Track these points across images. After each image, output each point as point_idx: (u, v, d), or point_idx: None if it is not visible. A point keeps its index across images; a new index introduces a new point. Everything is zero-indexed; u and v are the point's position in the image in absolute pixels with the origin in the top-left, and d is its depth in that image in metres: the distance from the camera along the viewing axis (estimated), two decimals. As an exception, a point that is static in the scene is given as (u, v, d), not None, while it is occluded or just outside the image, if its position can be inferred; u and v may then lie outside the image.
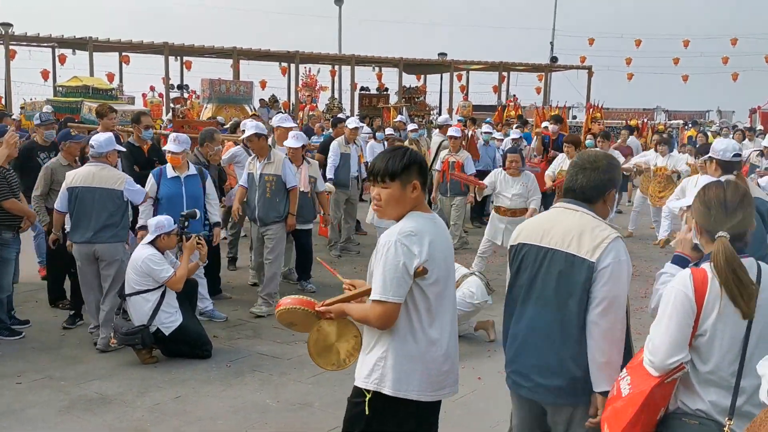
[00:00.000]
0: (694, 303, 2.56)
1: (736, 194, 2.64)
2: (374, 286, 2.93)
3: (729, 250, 2.53)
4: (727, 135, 20.47)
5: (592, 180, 3.07)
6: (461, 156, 10.54)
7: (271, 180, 7.43)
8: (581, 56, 33.95)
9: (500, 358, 6.20)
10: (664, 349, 2.57)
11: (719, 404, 2.54)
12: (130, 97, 23.40)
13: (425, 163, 3.09)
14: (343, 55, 30.42)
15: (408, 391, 2.99)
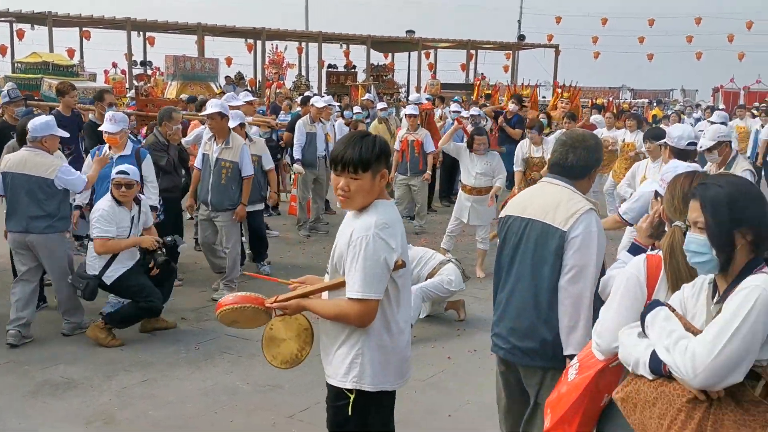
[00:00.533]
0: (645, 287, 2.57)
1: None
2: (353, 283, 2.81)
3: (678, 237, 2.52)
4: (690, 114, 20.76)
5: (582, 158, 3.29)
6: (420, 134, 10.48)
7: (228, 166, 7.20)
8: (548, 35, 34.07)
9: (469, 338, 6.29)
10: (611, 332, 2.55)
11: None
12: (91, 74, 22.86)
13: (389, 148, 3.05)
14: (310, 32, 30.10)
15: (386, 383, 2.97)
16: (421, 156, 10.46)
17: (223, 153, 7.24)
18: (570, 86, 18.43)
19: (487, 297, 7.52)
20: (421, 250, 6.99)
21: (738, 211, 2.22)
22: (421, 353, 5.97)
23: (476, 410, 4.90)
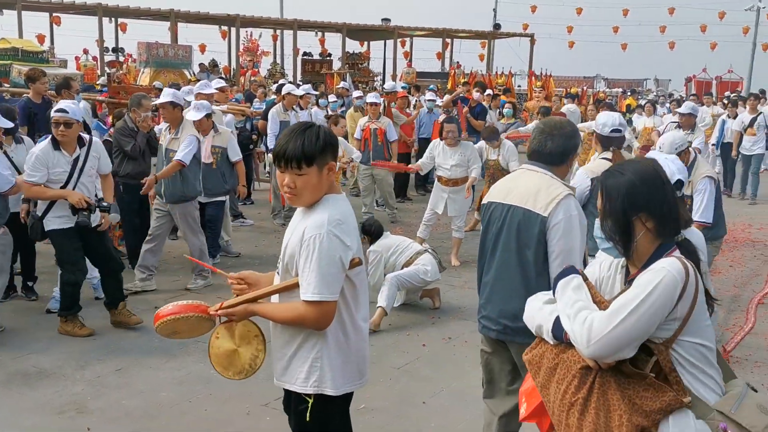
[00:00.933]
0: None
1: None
2: (308, 285, 2.65)
3: None
4: (663, 104, 20.96)
5: (559, 145, 3.38)
6: (382, 123, 10.41)
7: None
8: (524, 24, 34.12)
9: (444, 326, 6.32)
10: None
11: None
12: (62, 61, 22.56)
13: (336, 139, 2.87)
14: (285, 19, 29.84)
15: (347, 384, 2.85)
16: (385, 145, 10.34)
17: (172, 143, 7.11)
18: (542, 75, 18.54)
19: (462, 285, 7.58)
20: (398, 239, 6.99)
21: (637, 198, 2.27)
22: (396, 341, 5.99)
23: (451, 397, 4.93)
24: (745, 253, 9.34)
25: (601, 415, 2.24)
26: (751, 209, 12.65)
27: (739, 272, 8.36)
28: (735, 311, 6.93)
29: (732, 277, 8.09)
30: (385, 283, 6.37)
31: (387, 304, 6.24)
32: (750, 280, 8.08)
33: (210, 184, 7.78)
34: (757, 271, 8.45)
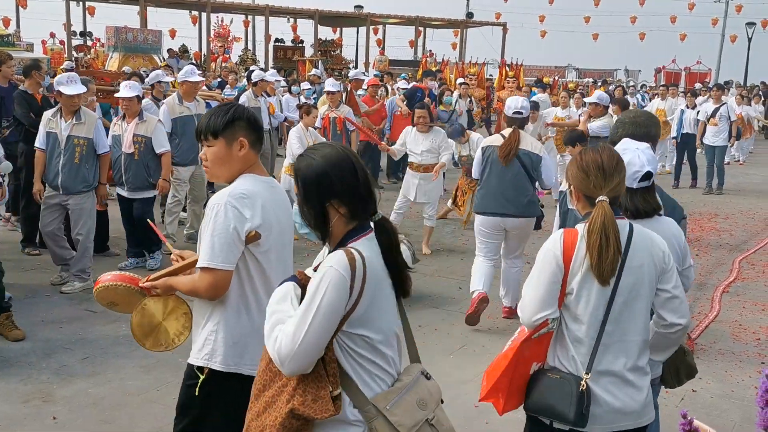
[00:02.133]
0: (561, 262, 2.61)
1: (612, 159, 2.66)
2: (202, 253, 2.69)
3: (609, 213, 2.56)
4: (634, 94, 21.16)
5: (643, 135, 3.45)
6: (342, 111, 10.22)
7: (82, 143, 6.48)
8: (496, 13, 34.23)
9: (414, 314, 6.33)
10: (531, 306, 2.64)
11: (585, 362, 2.62)
12: (28, 44, 22.15)
13: (255, 119, 2.90)
14: (257, 5, 29.58)
15: (240, 365, 2.77)
16: (344, 134, 10.12)
17: (75, 129, 6.49)
18: (513, 64, 18.59)
19: (433, 273, 7.61)
20: (372, 227, 6.98)
21: (328, 184, 2.24)
22: (367, 329, 5.99)
23: (420, 384, 4.94)
24: (710, 242, 9.50)
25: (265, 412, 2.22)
26: (716, 199, 12.85)
27: (705, 261, 8.49)
28: (700, 299, 7.04)
29: (697, 265, 8.21)
30: (357, 271, 6.35)
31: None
32: (715, 269, 8.22)
33: (132, 177, 7.18)
34: (722, 260, 8.59)
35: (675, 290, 2.68)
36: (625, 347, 2.62)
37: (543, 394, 2.66)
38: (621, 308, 2.60)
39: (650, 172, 2.99)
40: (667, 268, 2.67)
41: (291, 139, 8.98)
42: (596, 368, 2.60)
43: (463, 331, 6.01)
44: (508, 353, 2.70)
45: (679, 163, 14.23)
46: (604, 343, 2.60)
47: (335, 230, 2.27)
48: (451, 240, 9.25)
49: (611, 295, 2.59)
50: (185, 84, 8.19)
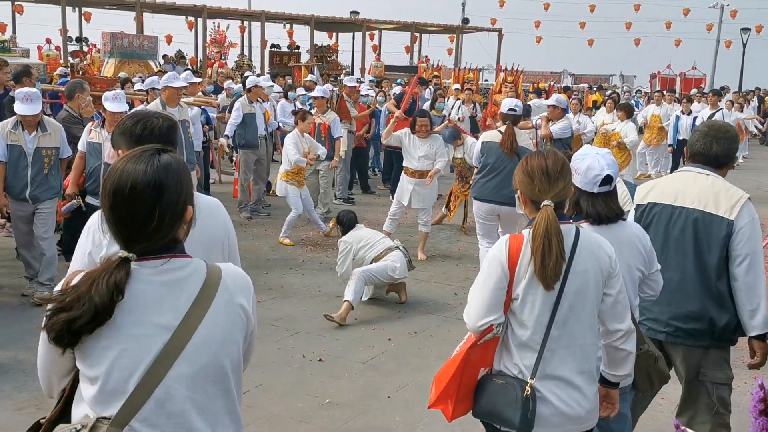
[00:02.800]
0: (506, 268, 2.62)
1: (556, 163, 2.67)
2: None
3: (552, 218, 2.57)
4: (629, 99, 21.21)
5: (725, 148, 3.49)
6: (328, 118, 10.21)
7: (50, 154, 6.41)
8: (492, 18, 34.30)
9: (410, 320, 6.34)
10: (476, 312, 2.66)
11: (531, 367, 2.63)
12: (24, 50, 22.07)
13: (141, 131, 2.66)
14: (253, 11, 29.60)
15: None
16: (328, 140, 10.03)
17: (42, 141, 6.35)
18: (512, 70, 18.64)
19: (428, 279, 7.61)
20: (369, 233, 7.00)
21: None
22: (362, 335, 5.99)
23: (416, 391, 4.94)
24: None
25: None
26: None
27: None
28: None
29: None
30: (353, 277, 6.37)
31: (353, 298, 6.24)
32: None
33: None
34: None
35: (619, 296, 2.69)
36: (572, 352, 2.64)
37: (489, 399, 2.68)
38: (567, 313, 2.61)
39: (610, 175, 3.02)
40: (613, 273, 2.68)
41: (287, 145, 9.00)
42: (542, 372, 2.61)
43: (459, 336, 5.95)
44: (455, 359, 2.72)
45: (675, 169, 14.25)
46: (549, 348, 2.61)
47: None
48: (447, 246, 9.25)
49: (556, 299, 2.60)
50: (167, 90, 8.18)
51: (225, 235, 2.78)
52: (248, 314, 1.97)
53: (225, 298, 1.89)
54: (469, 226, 10.03)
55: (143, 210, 1.78)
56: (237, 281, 1.96)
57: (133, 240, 1.80)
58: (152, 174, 1.79)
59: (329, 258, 8.14)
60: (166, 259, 1.85)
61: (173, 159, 1.88)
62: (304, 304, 6.73)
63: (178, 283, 1.84)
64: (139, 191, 1.77)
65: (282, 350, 5.59)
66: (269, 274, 7.61)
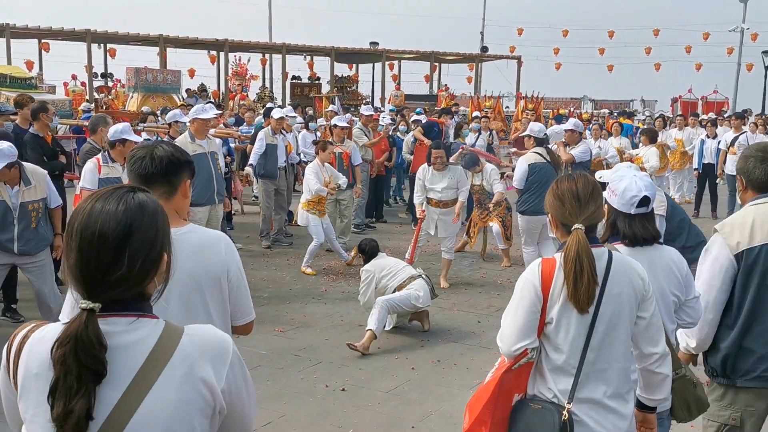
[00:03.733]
0: (540, 291, 2.60)
1: (587, 187, 2.67)
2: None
3: (583, 241, 2.56)
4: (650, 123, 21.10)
5: None
6: (347, 146, 10.29)
7: (38, 207, 5.97)
8: (511, 46, 34.43)
9: (433, 348, 6.29)
10: (510, 336, 2.64)
11: (567, 391, 2.60)
12: (50, 86, 22.55)
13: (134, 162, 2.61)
14: (274, 43, 30.03)
15: None
16: (350, 168, 10.09)
17: (27, 195, 5.89)
18: (533, 97, 18.68)
19: (451, 307, 7.56)
20: (392, 261, 6.99)
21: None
22: (385, 364, 5.95)
23: (439, 421, 4.89)
24: (733, 271, 9.35)
25: None
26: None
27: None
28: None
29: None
30: (376, 305, 6.35)
31: (377, 327, 6.21)
32: (738, 298, 8.08)
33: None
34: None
35: (653, 318, 2.67)
36: (605, 375, 2.61)
37: (527, 425, 2.64)
38: (602, 337, 2.60)
39: (647, 197, 2.99)
40: (646, 296, 2.66)
41: (308, 175, 9.05)
42: (577, 396, 2.59)
43: (483, 365, 5.93)
44: (489, 385, 2.69)
45: (700, 193, 14.10)
46: (585, 372, 2.59)
47: None
48: (469, 273, 9.20)
49: (591, 323, 2.58)
50: (196, 122, 8.16)
51: (222, 271, 2.55)
52: (213, 389, 1.61)
53: (182, 370, 1.59)
54: (489, 253, 9.99)
55: (112, 253, 1.57)
56: (204, 347, 1.63)
57: (97, 287, 1.58)
58: (124, 213, 1.60)
59: (351, 287, 8.13)
60: (135, 318, 1.61)
61: (149, 199, 1.68)
62: (327, 333, 6.71)
63: (126, 348, 1.57)
64: (108, 231, 1.57)
65: (305, 380, 5.56)
66: (292, 304, 7.61)
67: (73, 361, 1.51)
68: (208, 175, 7.96)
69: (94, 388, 1.52)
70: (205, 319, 2.47)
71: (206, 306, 2.52)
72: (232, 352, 1.68)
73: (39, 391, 1.57)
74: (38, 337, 1.63)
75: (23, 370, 1.61)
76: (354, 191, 10.15)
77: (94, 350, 1.52)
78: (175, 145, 2.79)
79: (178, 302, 2.42)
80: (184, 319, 1.75)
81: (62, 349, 1.52)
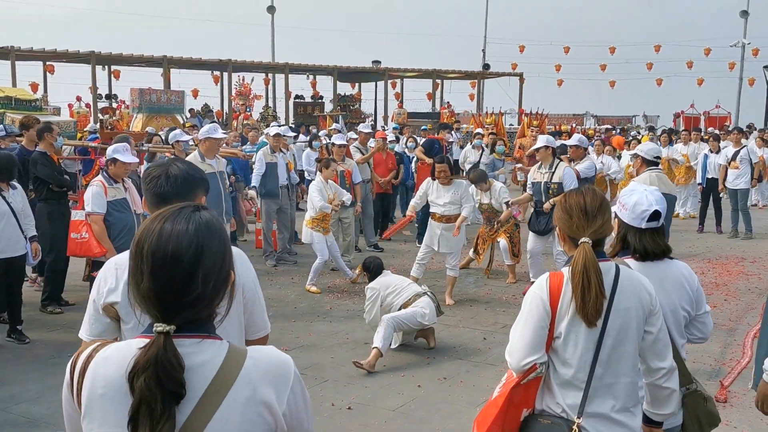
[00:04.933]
0: (548, 306, 2.60)
1: (595, 200, 2.68)
2: None
3: (590, 255, 2.57)
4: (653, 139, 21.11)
5: None
6: (348, 164, 10.30)
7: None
8: (513, 63, 34.56)
9: (439, 366, 6.27)
10: (519, 351, 2.63)
11: (575, 406, 2.60)
12: (55, 108, 22.65)
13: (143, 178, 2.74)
14: (277, 63, 30.18)
15: None
16: (351, 187, 10.09)
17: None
18: (537, 113, 18.73)
19: (456, 324, 7.54)
20: (397, 279, 6.98)
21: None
22: (391, 382, 5.93)
23: (447, 438, 4.86)
24: (739, 286, 9.33)
25: None
26: (743, 243, 12.66)
27: (734, 306, 8.34)
28: (731, 345, 6.90)
29: (727, 311, 8.07)
30: (382, 323, 6.34)
31: (383, 344, 6.19)
32: (745, 313, 8.06)
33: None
34: (752, 304, 8.43)
35: (660, 333, 2.67)
36: (613, 389, 2.61)
37: None
38: (610, 351, 2.60)
39: (658, 211, 2.99)
40: (653, 311, 2.66)
41: (311, 192, 9.07)
42: (586, 411, 2.58)
43: (490, 382, 5.90)
44: (497, 400, 2.68)
45: (704, 208, 14.07)
46: (593, 386, 2.59)
47: None
48: (475, 290, 9.18)
49: (599, 337, 2.58)
50: (208, 141, 8.22)
51: (238, 288, 2.54)
52: (275, 413, 1.61)
53: (245, 393, 1.58)
54: (495, 269, 9.97)
55: (186, 274, 1.56)
56: (267, 371, 1.63)
57: (172, 310, 1.57)
58: (195, 234, 1.59)
59: (356, 305, 8.12)
60: (201, 339, 1.61)
61: (214, 218, 1.68)
62: (332, 351, 6.69)
63: (193, 370, 1.56)
64: (182, 252, 1.56)
65: (311, 399, 5.52)
66: (297, 323, 7.60)
67: (156, 386, 1.50)
68: (217, 195, 8.03)
69: (175, 409, 1.52)
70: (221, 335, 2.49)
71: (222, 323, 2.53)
72: (294, 375, 1.67)
73: (105, 411, 1.57)
74: (102, 357, 1.62)
75: (88, 390, 1.60)
76: (355, 209, 10.16)
77: (175, 373, 1.52)
78: (189, 162, 2.81)
79: None
80: None
81: (144, 375, 1.51)
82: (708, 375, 6.08)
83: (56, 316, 7.65)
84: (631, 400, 2.65)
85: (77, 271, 8.76)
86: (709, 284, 9.20)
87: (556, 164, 8.56)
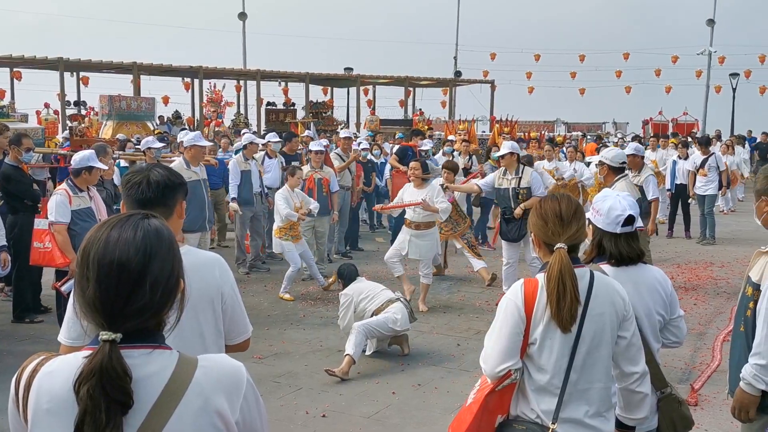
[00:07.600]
0: (523, 312, 2.61)
1: (570, 207, 2.71)
2: None
3: (566, 261, 2.58)
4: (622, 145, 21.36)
5: None
6: (326, 172, 10.20)
7: None
8: (484, 71, 34.81)
9: (414, 372, 6.27)
10: (494, 358, 2.63)
11: (550, 412, 2.61)
12: (23, 115, 22.29)
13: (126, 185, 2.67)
14: (249, 70, 30.03)
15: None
16: (329, 194, 10.03)
17: None
18: (507, 120, 18.89)
19: (430, 331, 7.54)
20: (370, 285, 6.96)
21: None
22: (366, 389, 5.91)
23: (422, 445, 4.85)
24: (708, 291, 9.47)
25: None
26: (711, 248, 12.85)
27: (703, 310, 8.45)
28: (701, 349, 6.98)
29: (696, 315, 8.18)
30: (353, 330, 6.32)
31: (355, 351, 6.17)
32: (714, 317, 8.17)
33: None
34: (720, 308, 8.55)
35: (633, 338, 2.70)
36: (587, 395, 2.63)
37: None
38: (584, 357, 2.61)
39: (632, 215, 3.02)
40: (627, 316, 2.69)
41: (277, 201, 8.98)
42: (560, 416, 2.59)
43: (464, 388, 5.91)
44: (472, 407, 2.68)
45: (673, 213, 14.26)
46: (568, 392, 2.60)
47: None
48: (448, 296, 9.20)
49: (574, 343, 2.60)
50: (194, 148, 8.19)
51: (216, 294, 2.59)
52: (228, 422, 1.58)
53: (197, 403, 1.55)
54: (466, 276, 10.00)
55: (133, 282, 1.53)
56: (218, 379, 1.60)
57: (118, 318, 1.53)
58: (143, 241, 1.57)
59: (330, 312, 8.09)
60: (150, 349, 1.58)
61: (163, 225, 1.65)
62: (306, 359, 6.65)
63: (141, 381, 1.53)
64: (129, 259, 1.53)
65: (285, 407, 5.50)
66: (270, 330, 7.55)
67: (100, 395, 1.47)
68: (201, 202, 8.01)
69: (121, 420, 1.49)
70: (198, 342, 2.49)
71: (200, 328, 2.54)
72: (246, 382, 1.65)
73: (51, 426, 1.54)
74: (47, 371, 1.59)
75: (33, 405, 1.57)
76: (331, 217, 10.12)
77: (121, 382, 1.48)
78: (168, 167, 2.80)
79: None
80: (176, 343, 1.73)
81: (88, 384, 1.48)
82: (679, 378, 6.15)
83: (26, 328, 7.50)
84: (605, 405, 2.67)
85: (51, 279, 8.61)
86: (679, 289, 9.31)
87: (522, 170, 8.56)
